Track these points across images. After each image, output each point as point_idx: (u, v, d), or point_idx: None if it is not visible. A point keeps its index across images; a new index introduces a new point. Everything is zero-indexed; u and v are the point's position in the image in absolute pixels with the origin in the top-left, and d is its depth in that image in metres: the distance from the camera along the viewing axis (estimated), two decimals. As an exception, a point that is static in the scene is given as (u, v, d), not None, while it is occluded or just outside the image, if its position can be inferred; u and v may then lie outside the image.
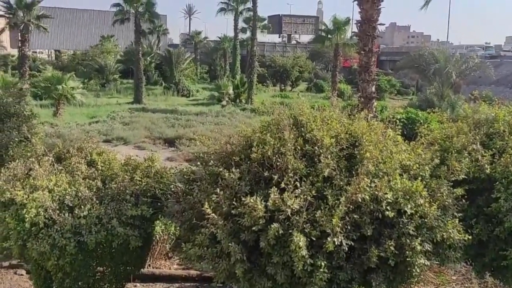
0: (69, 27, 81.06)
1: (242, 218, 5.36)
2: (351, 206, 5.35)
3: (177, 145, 23.77)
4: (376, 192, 5.40)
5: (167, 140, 25.36)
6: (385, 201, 5.39)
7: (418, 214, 5.53)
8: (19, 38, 38.98)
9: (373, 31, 14.53)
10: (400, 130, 6.82)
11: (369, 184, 5.41)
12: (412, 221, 5.47)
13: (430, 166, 6.25)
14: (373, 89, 14.67)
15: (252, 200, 5.28)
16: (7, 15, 38.83)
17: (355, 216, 5.35)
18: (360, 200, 5.32)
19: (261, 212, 5.23)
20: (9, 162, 7.71)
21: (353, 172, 5.70)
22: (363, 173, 5.51)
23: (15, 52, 60.55)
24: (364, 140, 6.01)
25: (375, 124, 6.55)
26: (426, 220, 5.56)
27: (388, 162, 5.94)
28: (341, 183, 5.62)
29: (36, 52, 72.36)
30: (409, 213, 5.46)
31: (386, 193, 5.41)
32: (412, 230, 5.41)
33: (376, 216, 5.44)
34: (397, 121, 7.01)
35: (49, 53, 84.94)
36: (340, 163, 5.86)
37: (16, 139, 9.45)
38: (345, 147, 6.01)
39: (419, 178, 5.92)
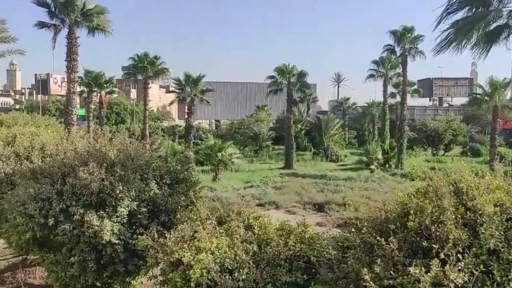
0: (227, 99, 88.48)
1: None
2: (524, 285, 4.84)
3: (326, 210, 23.74)
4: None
5: (316, 205, 25.47)
6: None
7: None
8: (186, 110, 43.85)
9: (541, 91, 13.34)
10: None
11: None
12: None
13: None
14: (544, 153, 13.25)
15: (417, 271, 5.08)
16: (177, 91, 44.23)
17: (529, 296, 4.81)
18: (535, 278, 4.78)
19: (427, 285, 4.98)
20: (178, 225, 8.49)
21: (525, 246, 5.19)
22: (539, 248, 4.98)
23: (181, 122, 67.82)
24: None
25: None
26: None
27: None
28: (510, 257, 5.14)
29: (199, 122, 79.59)
30: None
31: None
32: None
33: (557, 298, 4.82)
34: None
35: (210, 122, 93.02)
36: (508, 234, 5.38)
37: (184, 203, 10.18)
38: (512, 218, 5.54)
39: None
